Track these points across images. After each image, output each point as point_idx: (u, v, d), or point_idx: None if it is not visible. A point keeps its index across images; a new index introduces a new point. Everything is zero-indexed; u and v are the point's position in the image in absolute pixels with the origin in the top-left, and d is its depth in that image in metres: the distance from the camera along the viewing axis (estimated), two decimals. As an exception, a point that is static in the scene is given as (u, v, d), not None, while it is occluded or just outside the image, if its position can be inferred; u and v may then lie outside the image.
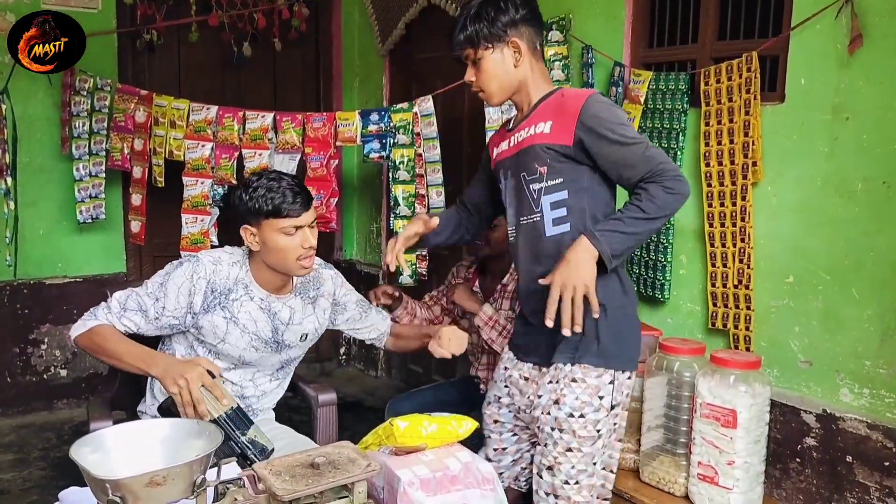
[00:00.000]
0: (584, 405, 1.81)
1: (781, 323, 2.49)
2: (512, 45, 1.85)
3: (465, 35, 1.86)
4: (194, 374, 1.70)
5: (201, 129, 3.49)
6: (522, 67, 1.87)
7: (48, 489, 3.09)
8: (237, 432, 1.73)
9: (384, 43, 4.20)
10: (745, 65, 2.45)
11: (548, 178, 1.83)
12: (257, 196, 1.87)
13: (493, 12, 1.83)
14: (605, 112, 1.77)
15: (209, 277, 1.92)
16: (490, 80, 1.88)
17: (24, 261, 3.70)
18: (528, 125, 1.88)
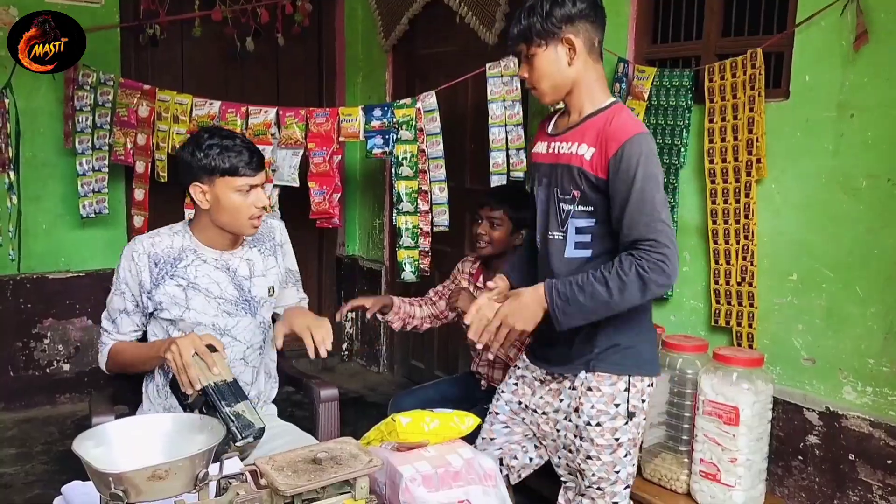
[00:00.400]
0: (601, 413, 1.81)
1: (784, 320, 2.49)
2: (566, 42, 1.76)
3: (518, 30, 1.80)
4: (186, 341, 1.74)
5: (204, 125, 3.49)
6: (576, 66, 1.78)
7: (51, 483, 3.10)
8: (222, 402, 1.72)
9: (387, 38, 4.19)
10: (749, 61, 2.45)
11: (580, 202, 1.79)
12: (213, 154, 1.86)
13: (548, 6, 1.75)
14: (642, 158, 1.69)
15: (148, 251, 1.94)
16: (542, 78, 1.81)
17: (27, 255, 3.70)
18: (573, 139, 1.81)
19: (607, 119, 1.76)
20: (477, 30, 3.51)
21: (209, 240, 1.98)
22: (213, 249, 1.99)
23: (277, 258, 2.12)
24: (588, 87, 1.81)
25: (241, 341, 2.03)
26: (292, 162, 3.49)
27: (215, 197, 1.89)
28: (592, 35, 1.79)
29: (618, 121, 1.74)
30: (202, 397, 1.74)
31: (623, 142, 1.70)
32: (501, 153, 3.25)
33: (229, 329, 2.01)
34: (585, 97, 1.81)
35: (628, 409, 1.82)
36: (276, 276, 2.11)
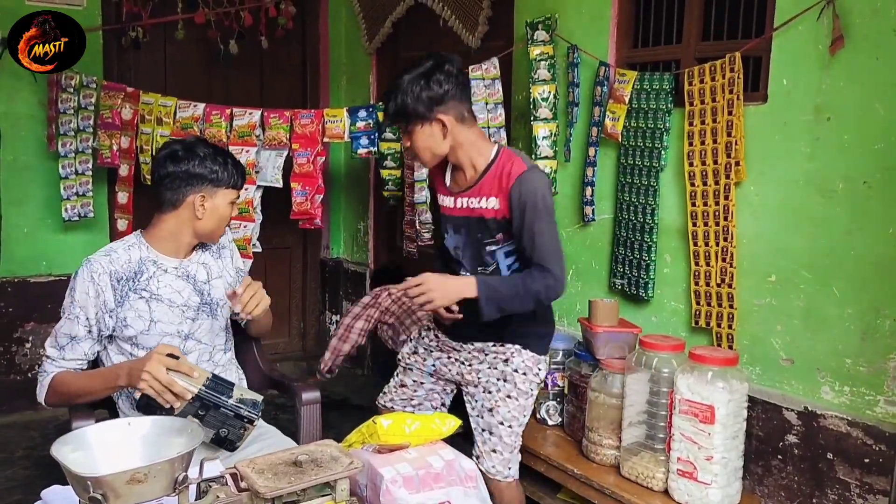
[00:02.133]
0: (528, 368, 2.23)
1: (763, 321, 2.52)
2: (438, 121, 2.03)
3: (395, 110, 2.05)
4: (153, 364, 1.70)
5: (188, 126, 3.48)
6: (451, 138, 2.06)
7: (32, 488, 3.05)
8: (223, 398, 1.73)
9: (371, 41, 4.20)
10: (728, 65, 2.47)
11: (504, 242, 2.13)
12: (219, 167, 1.96)
13: (417, 90, 2.00)
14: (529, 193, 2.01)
15: (108, 270, 1.90)
16: (421, 150, 2.10)
17: (8, 259, 3.68)
18: (478, 195, 2.11)
19: (501, 168, 2.06)
20: (460, 33, 3.53)
21: (168, 249, 1.99)
22: (172, 258, 1.99)
23: (224, 259, 2.15)
24: (469, 146, 2.09)
25: (205, 343, 2.05)
26: (276, 163, 3.49)
27: (213, 206, 1.97)
28: (461, 108, 2.06)
29: (508, 166, 2.06)
30: (192, 406, 1.73)
31: (512, 184, 2.03)
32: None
33: (193, 333, 2.01)
34: (473, 154, 2.10)
35: (542, 378, 2.29)
36: (230, 275, 2.14)
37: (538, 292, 2.06)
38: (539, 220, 2.02)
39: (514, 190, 2.02)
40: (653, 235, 2.77)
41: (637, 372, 2.39)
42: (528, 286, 2.05)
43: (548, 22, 3.07)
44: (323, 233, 4.80)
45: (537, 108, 3.09)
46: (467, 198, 2.15)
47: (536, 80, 3.09)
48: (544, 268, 2.04)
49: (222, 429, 1.76)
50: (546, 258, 2.04)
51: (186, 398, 1.72)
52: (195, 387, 1.72)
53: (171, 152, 1.96)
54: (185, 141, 2.01)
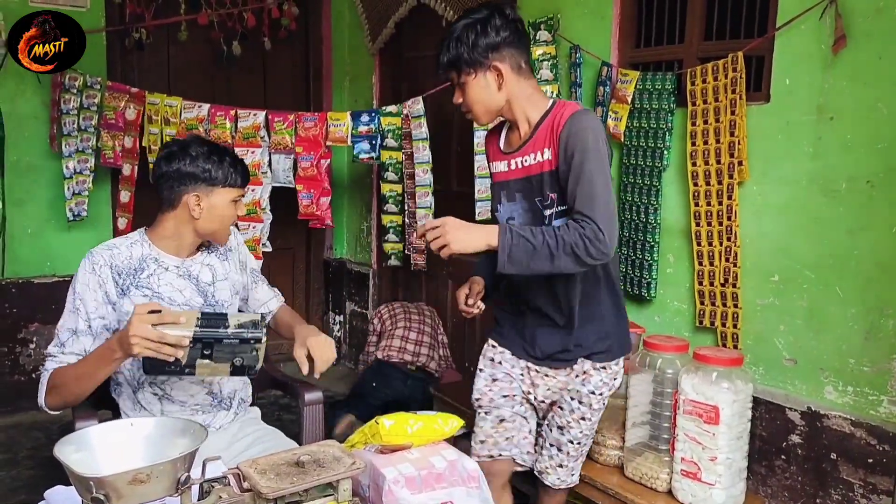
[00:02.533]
0: (604, 385, 2.05)
1: (767, 321, 2.51)
2: (494, 69, 1.86)
3: (447, 59, 1.89)
4: (135, 325, 1.59)
5: (193, 127, 3.49)
6: (507, 90, 1.89)
7: (36, 488, 3.07)
8: (221, 330, 1.65)
9: (374, 42, 4.21)
10: (730, 65, 2.47)
11: (558, 203, 1.88)
12: (215, 165, 1.91)
13: (473, 36, 1.84)
14: (581, 132, 1.79)
15: (109, 262, 1.89)
16: (474, 103, 1.91)
17: (13, 260, 3.69)
18: (533, 150, 1.91)
19: (554, 116, 1.87)
20: (463, 33, 3.52)
21: (170, 247, 1.97)
22: (174, 257, 1.97)
23: (231, 262, 2.11)
24: (525, 100, 1.91)
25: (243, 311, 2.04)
26: (286, 165, 3.52)
27: (210, 206, 1.92)
28: (518, 58, 1.89)
29: (560, 111, 1.86)
30: (196, 349, 1.65)
31: (563, 123, 1.82)
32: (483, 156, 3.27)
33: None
34: (529, 110, 1.92)
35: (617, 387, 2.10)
36: (236, 278, 2.11)
37: (574, 245, 1.72)
38: (587, 162, 1.77)
39: (563, 133, 1.81)
40: (655, 235, 2.76)
41: (641, 372, 2.38)
42: (561, 236, 1.74)
43: (550, 22, 3.07)
44: (326, 233, 4.81)
45: (540, 108, 3.09)
46: (521, 156, 1.94)
47: (539, 81, 3.09)
48: (584, 215, 1.75)
49: (235, 359, 1.69)
50: (589, 205, 1.75)
51: (185, 345, 1.63)
52: (189, 331, 1.63)
53: (168, 152, 1.94)
54: (182, 140, 1.99)
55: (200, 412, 2.00)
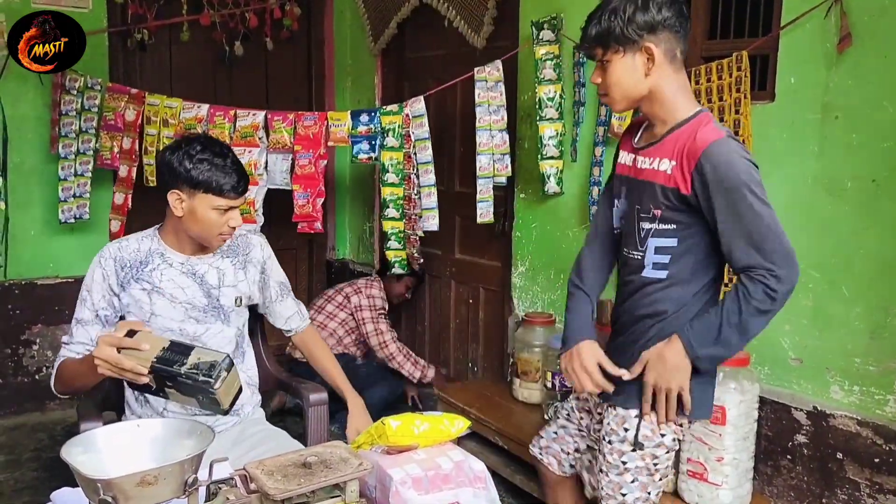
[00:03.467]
0: (612, 432, 1.80)
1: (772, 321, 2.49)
2: (646, 51, 1.65)
3: (596, 32, 1.69)
4: (101, 349, 1.60)
5: (191, 127, 3.48)
6: (654, 77, 1.67)
7: (40, 490, 3.08)
8: (174, 367, 1.58)
9: (376, 42, 4.20)
10: (735, 64, 2.47)
11: (660, 221, 1.70)
12: (202, 168, 1.83)
13: (631, 10, 1.64)
14: (724, 166, 1.58)
15: (114, 255, 1.93)
16: (614, 86, 1.71)
17: (16, 261, 3.69)
18: (655, 154, 1.72)
19: (691, 131, 1.65)
20: (465, 33, 3.53)
21: (177, 244, 1.97)
22: (180, 254, 1.97)
23: (248, 272, 2.08)
24: (668, 98, 1.70)
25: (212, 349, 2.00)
26: (283, 167, 3.50)
27: (191, 208, 1.86)
28: (675, 45, 1.68)
29: (697, 128, 1.65)
30: (160, 379, 1.62)
31: (699, 153, 1.60)
32: (488, 157, 3.26)
33: (199, 336, 1.97)
34: (669, 108, 1.70)
35: (636, 438, 1.76)
36: (246, 288, 2.07)
37: (757, 305, 1.58)
38: (741, 202, 1.57)
39: (702, 164, 1.59)
40: (660, 235, 2.75)
41: (645, 372, 2.37)
42: (734, 306, 1.60)
43: (554, 21, 3.07)
44: (329, 234, 4.80)
45: (543, 108, 3.09)
46: (644, 156, 1.75)
47: (542, 80, 3.09)
48: (754, 268, 1.58)
49: (197, 395, 1.62)
50: (758, 251, 1.57)
51: (142, 375, 1.60)
52: (146, 362, 1.59)
53: (173, 143, 1.93)
54: (191, 136, 1.95)
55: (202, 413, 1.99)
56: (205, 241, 1.96)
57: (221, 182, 1.84)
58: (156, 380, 1.62)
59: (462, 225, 3.93)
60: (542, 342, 3.16)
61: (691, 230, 1.68)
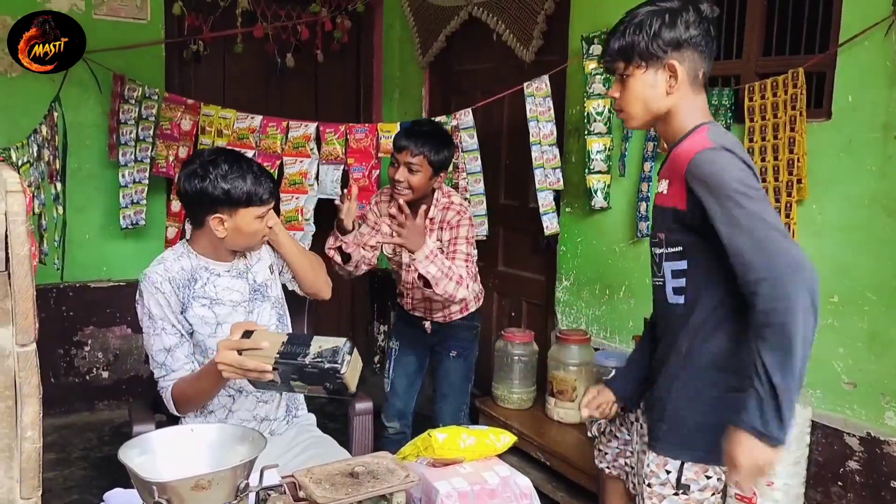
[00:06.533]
0: (652, 475, 1.68)
1: (825, 343, 2.44)
2: (669, 68, 1.60)
3: (619, 46, 1.63)
4: (223, 354, 1.64)
5: (244, 137, 3.56)
6: (675, 97, 1.62)
7: (88, 489, 3.16)
8: (299, 359, 1.61)
9: (425, 55, 4.24)
10: (791, 81, 2.43)
11: (667, 244, 1.64)
12: (239, 185, 1.84)
13: (657, 26, 1.59)
14: (713, 175, 1.49)
15: (167, 277, 1.91)
16: (633, 101, 1.65)
17: (71, 264, 3.78)
18: (663, 176, 1.67)
19: (684, 145, 1.59)
20: (514, 47, 3.53)
21: (217, 256, 1.98)
22: (222, 263, 1.99)
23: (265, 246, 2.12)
24: (683, 118, 1.64)
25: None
26: (334, 176, 3.55)
27: (235, 226, 1.88)
28: (699, 65, 1.62)
29: (691, 141, 1.57)
30: (285, 373, 1.65)
31: (686, 164, 1.53)
32: (540, 170, 3.27)
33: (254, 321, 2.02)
34: (680, 129, 1.64)
35: (680, 480, 1.65)
36: (267, 256, 2.11)
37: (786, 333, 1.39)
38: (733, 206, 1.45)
39: (690, 176, 1.52)
40: (709, 253, 2.71)
41: (693, 392, 2.34)
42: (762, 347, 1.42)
43: (604, 36, 3.05)
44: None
45: (591, 122, 3.08)
46: (660, 180, 1.69)
47: (591, 95, 3.08)
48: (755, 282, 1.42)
49: (325, 383, 1.64)
50: (753, 263, 1.42)
51: (266, 373, 1.63)
52: (269, 359, 1.63)
53: (189, 171, 1.89)
54: (202, 156, 1.92)
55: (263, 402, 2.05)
56: (251, 248, 2.00)
57: (260, 192, 1.87)
58: (280, 374, 1.64)
59: (505, 237, 3.93)
60: (577, 360, 3.11)
61: (696, 254, 1.60)
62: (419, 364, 2.97)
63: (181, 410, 1.93)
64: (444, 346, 2.89)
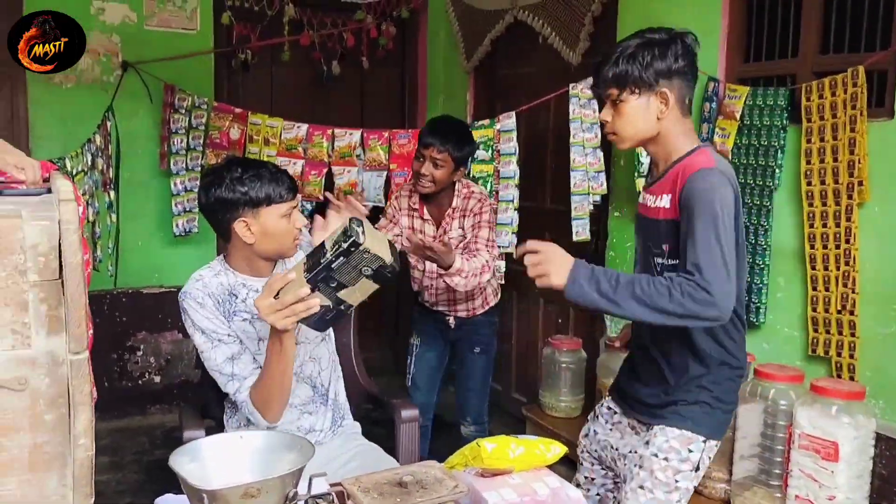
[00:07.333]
0: (671, 450, 1.80)
1: (889, 351, 2.35)
2: (661, 96, 1.75)
3: (614, 73, 1.77)
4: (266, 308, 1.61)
5: (292, 147, 3.59)
6: (665, 121, 1.77)
7: (141, 493, 3.20)
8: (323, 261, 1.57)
9: (469, 59, 4.22)
10: (850, 79, 2.34)
11: (668, 256, 1.78)
12: (255, 185, 1.83)
13: (649, 57, 1.73)
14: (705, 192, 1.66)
15: (205, 292, 1.89)
16: (626, 125, 1.80)
17: (124, 271, 3.86)
18: (658, 191, 1.80)
19: (684, 165, 1.74)
20: (560, 50, 3.49)
21: (253, 272, 1.96)
22: (259, 278, 1.95)
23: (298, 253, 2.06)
24: (673, 139, 1.79)
25: (302, 340, 2.00)
26: (377, 183, 3.55)
27: (262, 228, 1.85)
28: (685, 92, 1.78)
29: (691, 162, 1.73)
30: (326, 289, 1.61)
31: (687, 178, 1.69)
32: (582, 173, 3.21)
33: (296, 333, 1.92)
34: (671, 148, 1.79)
35: (698, 461, 1.80)
36: None
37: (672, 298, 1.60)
38: (696, 219, 1.65)
39: (683, 190, 1.70)
40: (765, 258, 2.64)
41: (750, 402, 2.27)
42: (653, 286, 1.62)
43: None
44: (418, 250, 4.83)
45: (641, 125, 3.02)
46: (649, 194, 1.85)
47: (641, 97, 3.02)
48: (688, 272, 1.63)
49: (363, 269, 1.60)
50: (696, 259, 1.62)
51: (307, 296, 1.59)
52: (302, 282, 1.59)
53: (205, 183, 1.89)
54: (217, 166, 1.91)
55: (307, 413, 2.03)
56: (284, 252, 1.94)
57: (278, 188, 1.85)
58: (322, 292, 1.61)
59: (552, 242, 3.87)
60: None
61: None
62: (440, 359, 3.09)
63: (268, 415, 1.84)
64: (468, 341, 3.01)
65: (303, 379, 2.02)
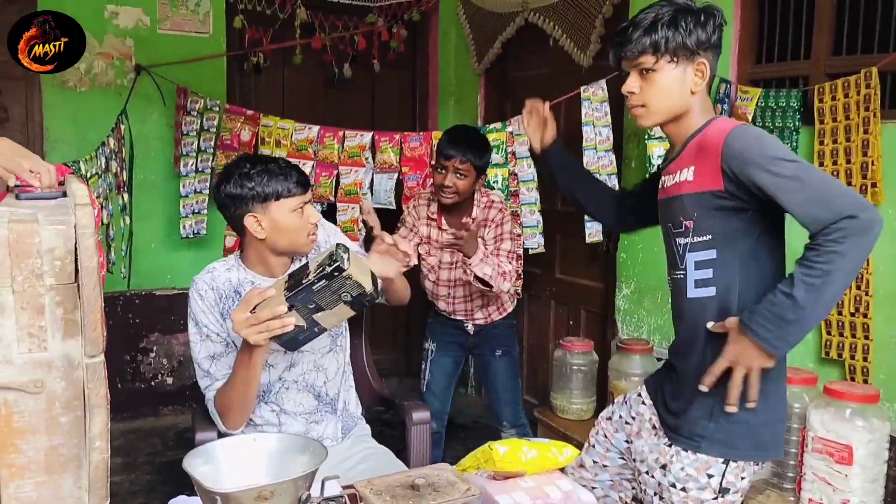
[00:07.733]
0: (689, 479, 1.63)
1: (903, 355, 2.33)
2: (699, 67, 1.61)
3: (652, 39, 1.59)
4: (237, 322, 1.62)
5: (303, 148, 3.60)
6: (697, 96, 1.64)
7: (153, 493, 3.22)
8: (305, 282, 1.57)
9: (480, 62, 4.22)
10: (863, 81, 2.33)
11: (694, 233, 1.61)
12: (263, 180, 1.83)
13: (691, 24, 1.58)
14: (749, 148, 1.49)
15: (211, 285, 1.92)
16: (659, 96, 1.63)
17: (137, 273, 3.89)
18: (676, 169, 1.66)
19: (705, 132, 1.61)
20: (571, 52, 3.49)
21: (266, 270, 1.96)
22: (269, 277, 1.95)
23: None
24: (696, 116, 1.65)
25: (307, 350, 1.99)
26: (387, 185, 3.56)
27: (272, 222, 1.86)
28: (714, 67, 1.65)
29: (713, 129, 1.59)
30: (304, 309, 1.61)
31: (721, 147, 1.52)
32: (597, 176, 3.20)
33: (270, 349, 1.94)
34: (690, 126, 1.66)
35: (721, 484, 1.61)
36: None
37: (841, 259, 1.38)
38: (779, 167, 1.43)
39: (728, 152, 1.51)
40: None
41: (762, 405, 2.26)
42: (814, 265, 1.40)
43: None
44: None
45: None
46: (666, 175, 1.70)
47: (652, 98, 3.01)
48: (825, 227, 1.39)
49: (342, 296, 1.60)
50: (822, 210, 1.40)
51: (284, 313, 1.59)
52: (280, 300, 1.59)
53: (217, 181, 1.91)
54: (229, 164, 1.94)
55: (314, 423, 2.02)
56: (298, 248, 1.93)
57: (286, 183, 1.85)
58: (299, 312, 1.61)
59: (563, 244, 3.88)
60: (639, 370, 3.03)
61: (731, 239, 1.57)
62: (455, 365, 3.08)
63: (227, 421, 1.86)
64: (488, 345, 2.99)
65: (305, 388, 2.02)
